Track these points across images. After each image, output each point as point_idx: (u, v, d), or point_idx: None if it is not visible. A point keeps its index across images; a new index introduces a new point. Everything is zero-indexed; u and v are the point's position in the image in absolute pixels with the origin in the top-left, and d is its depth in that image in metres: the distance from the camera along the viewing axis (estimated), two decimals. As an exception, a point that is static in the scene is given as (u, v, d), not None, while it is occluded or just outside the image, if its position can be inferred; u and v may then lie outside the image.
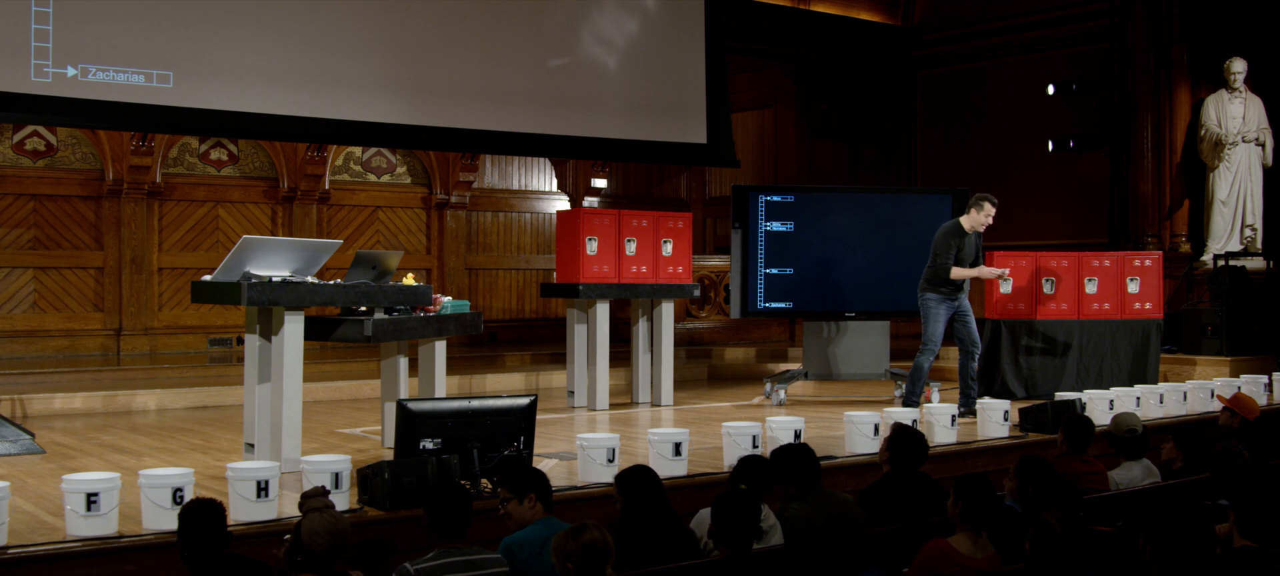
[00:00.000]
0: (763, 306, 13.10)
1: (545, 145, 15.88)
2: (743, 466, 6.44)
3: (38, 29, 11.85)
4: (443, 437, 7.03)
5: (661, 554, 5.66)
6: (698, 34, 16.07)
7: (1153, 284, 13.12)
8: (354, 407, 12.25)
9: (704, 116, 15.96)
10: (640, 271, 12.43)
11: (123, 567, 5.94)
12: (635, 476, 6.07)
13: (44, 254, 14.76)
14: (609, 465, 7.54)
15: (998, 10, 18.60)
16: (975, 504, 5.39)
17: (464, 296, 14.84)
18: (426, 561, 5.20)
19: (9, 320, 14.56)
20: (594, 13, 15.45)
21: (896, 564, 5.56)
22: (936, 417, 9.44)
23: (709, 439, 9.11)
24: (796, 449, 6.78)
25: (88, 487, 6.05)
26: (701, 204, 20.21)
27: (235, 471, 6.54)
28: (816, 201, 13.30)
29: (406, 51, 14.05)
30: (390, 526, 6.60)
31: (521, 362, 15.21)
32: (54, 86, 11.96)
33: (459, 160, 17.43)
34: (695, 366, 15.42)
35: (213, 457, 8.93)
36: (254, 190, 16.21)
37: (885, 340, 13.05)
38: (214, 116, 13.00)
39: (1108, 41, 17.37)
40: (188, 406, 12.18)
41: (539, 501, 5.85)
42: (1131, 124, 17.02)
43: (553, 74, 15.07)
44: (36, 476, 8.12)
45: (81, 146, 15.04)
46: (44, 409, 11.56)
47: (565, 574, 4.81)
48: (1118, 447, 8.06)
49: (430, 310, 9.25)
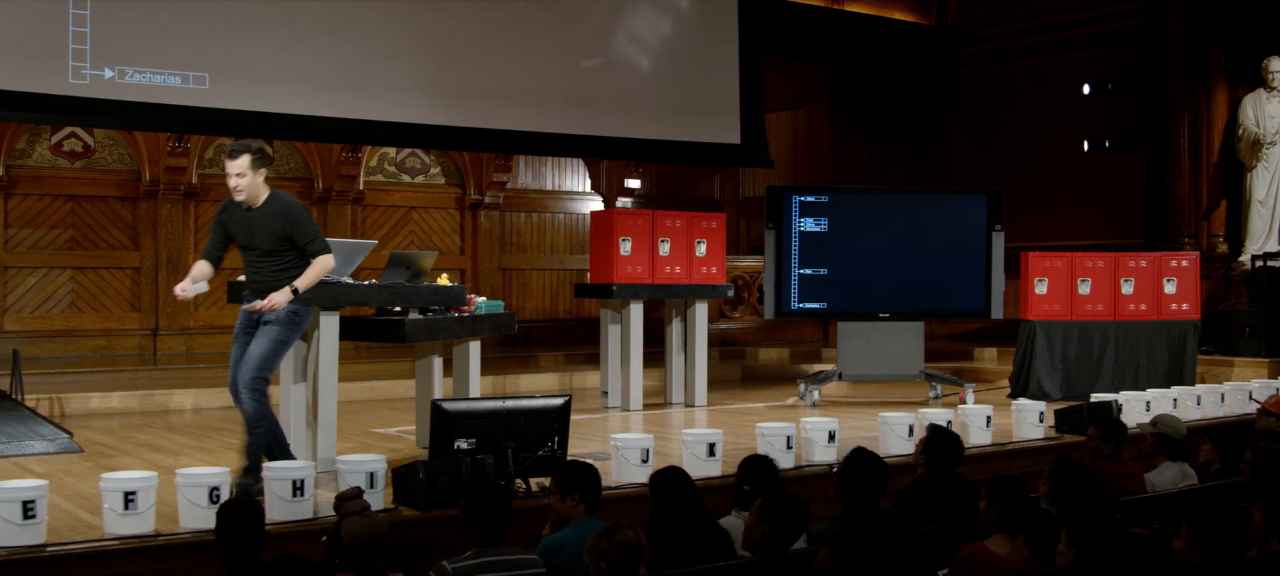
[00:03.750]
0: (797, 307, 13.07)
1: (579, 146, 15.89)
2: (747, 467, 6.38)
3: (76, 31, 11.93)
4: (477, 437, 7.05)
5: (695, 554, 5.65)
6: (731, 34, 16.04)
7: (1189, 284, 13.04)
8: (389, 407, 12.29)
9: (737, 117, 15.93)
10: (674, 272, 12.43)
11: (159, 566, 5.98)
12: (667, 477, 6.05)
13: (81, 254, 14.86)
14: (643, 465, 7.54)
15: (1032, 9, 18.50)
16: (1011, 506, 5.36)
17: (497, 297, 14.84)
18: (464, 560, 5.21)
19: (47, 320, 14.67)
20: (628, 13, 15.44)
21: (932, 565, 5.53)
22: (971, 419, 9.41)
23: (743, 439, 9.10)
24: (869, 458, 6.41)
25: (125, 486, 6.09)
26: (735, 204, 20.19)
27: (271, 471, 6.58)
28: (850, 202, 13.26)
29: (441, 52, 14.08)
30: (425, 526, 6.62)
31: (555, 363, 15.22)
32: (91, 88, 12.03)
33: (492, 161, 17.46)
34: (729, 367, 15.40)
35: (248, 457, 8.95)
36: (289, 190, 16.13)
37: (919, 341, 13.00)
38: (249, 117, 13.05)
39: (1144, 40, 17.27)
40: (223, 406, 12.18)
41: (582, 502, 5.81)
42: (1168, 123, 16.90)
43: (586, 74, 15.08)
44: (75, 475, 8.18)
45: (118, 148, 15.15)
46: (81, 408, 11.64)
47: (599, 573, 4.81)
48: (1166, 447, 8.00)
49: (465, 310, 9.28)
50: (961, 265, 13.01)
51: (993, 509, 5.39)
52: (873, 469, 6.25)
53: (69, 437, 9.44)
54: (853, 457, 6.30)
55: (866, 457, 6.31)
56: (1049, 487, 6.25)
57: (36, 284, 14.65)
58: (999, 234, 12.95)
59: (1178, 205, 16.78)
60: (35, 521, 5.84)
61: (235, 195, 7.42)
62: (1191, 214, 16.72)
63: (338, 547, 5.32)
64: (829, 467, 8.01)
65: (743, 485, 6.24)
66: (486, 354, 10.79)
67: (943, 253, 12.97)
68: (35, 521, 5.84)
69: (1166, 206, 16.93)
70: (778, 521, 5.36)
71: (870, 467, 6.25)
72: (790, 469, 8.07)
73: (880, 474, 6.26)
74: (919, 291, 13.06)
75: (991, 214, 12.97)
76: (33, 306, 14.64)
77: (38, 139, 14.68)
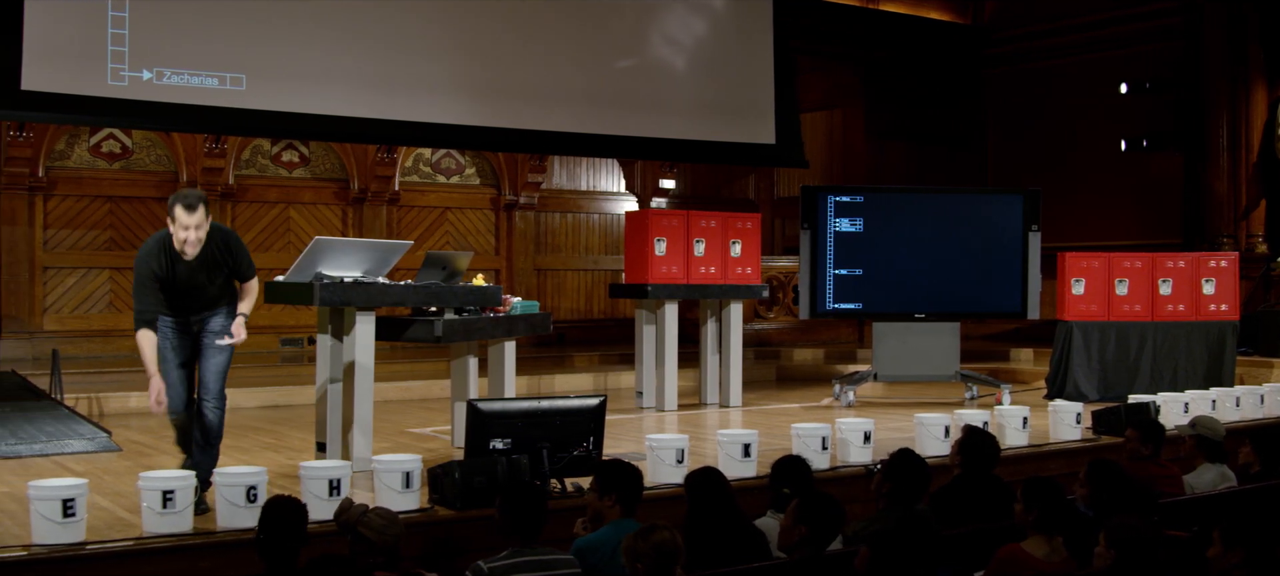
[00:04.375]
0: (832, 307, 13.03)
1: (613, 146, 15.91)
2: (782, 469, 6.36)
3: (114, 33, 12.02)
4: (512, 437, 7.07)
5: (730, 555, 5.65)
6: (766, 34, 16.02)
7: (1228, 285, 12.94)
8: (424, 407, 12.32)
9: (772, 117, 15.89)
10: (709, 272, 12.42)
11: (198, 564, 6.02)
12: (703, 478, 6.04)
13: (120, 255, 14.95)
14: (678, 466, 7.53)
15: (1069, 8, 18.41)
16: (1048, 508, 5.33)
17: (532, 297, 14.87)
18: (499, 560, 5.22)
19: (86, 320, 14.79)
20: (662, 14, 15.44)
21: (968, 567, 5.51)
22: (1008, 420, 9.37)
23: (778, 440, 9.08)
24: (913, 459, 6.40)
25: (164, 485, 6.14)
26: (769, 204, 20.16)
27: (307, 470, 6.61)
28: (886, 202, 13.21)
29: (476, 53, 14.11)
30: (460, 526, 6.64)
31: (590, 363, 15.23)
32: (130, 89, 12.12)
33: (527, 161, 17.50)
34: (763, 367, 15.38)
35: (285, 456, 9.02)
36: (325, 191, 16.36)
37: (955, 341, 12.94)
38: (285, 118, 13.13)
39: (1182, 39, 17.16)
40: (260, 405, 12.29)
41: (618, 503, 5.81)
42: (1206, 123, 16.79)
43: (621, 75, 15.08)
44: (113, 474, 8.24)
45: (156, 149, 15.25)
46: (120, 407, 11.72)
47: (635, 573, 4.81)
48: (1205, 449, 7.95)
49: (500, 311, 9.30)
50: (998, 265, 12.95)
51: (1030, 511, 5.37)
52: (916, 470, 6.26)
53: (108, 437, 9.51)
54: (898, 457, 6.30)
55: (911, 458, 6.32)
56: (1086, 490, 6.21)
57: (75, 284, 14.76)
58: (1035, 234, 12.88)
59: (1216, 205, 16.66)
60: (75, 520, 5.89)
61: (190, 250, 6.76)
62: (1230, 213, 16.61)
63: (370, 548, 5.35)
64: (865, 468, 8.00)
65: (781, 487, 6.24)
66: (521, 354, 10.82)
67: (979, 253, 12.91)
68: (75, 520, 5.89)
69: (1205, 206, 16.82)
70: (814, 522, 5.35)
71: (914, 468, 6.26)
72: (825, 469, 8.05)
73: (923, 475, 6.27)
74: (955, 292, 13.00)
75: (1028, 214, 12.90)
76: (72, 306, 14.76)
77: (77, 140, 14.80)
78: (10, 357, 13.80)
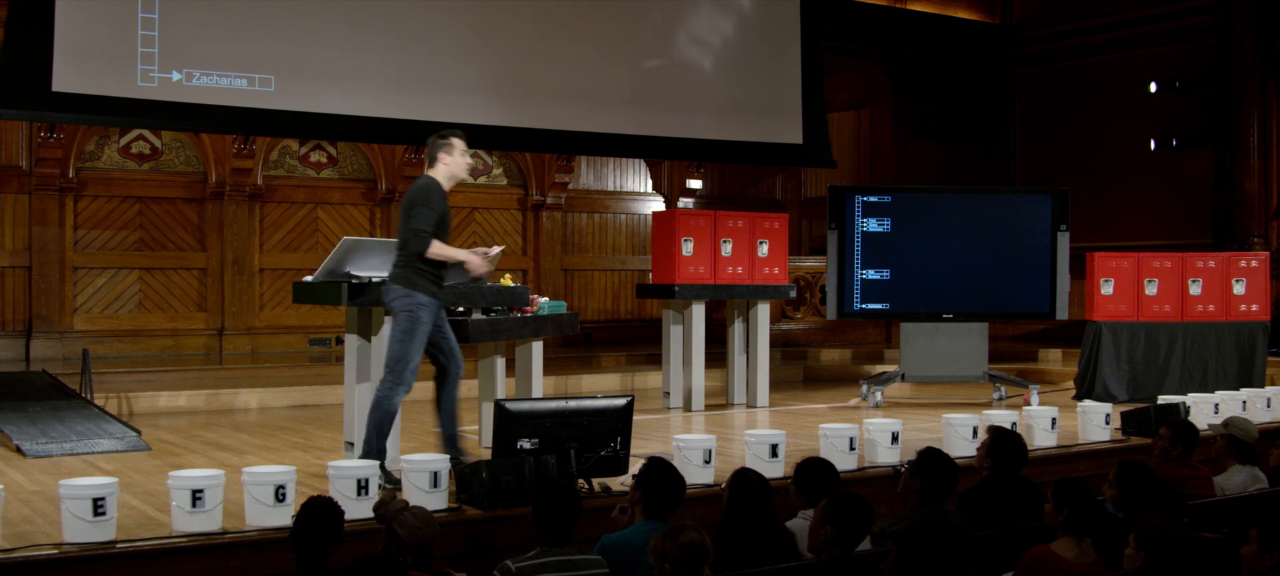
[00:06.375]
0: (859, 308, 12.98)
1: (641, 146, 15.91)
2: (804, 472, 6.29)
3: (144, 35, 12.09)
4: (540, 437, 7.07)
5: (759, 556, 5.63)
6: (793, 34, 16.00)
7: (1259, 285, 12.84)
8: (451, 407, 12.31)
9: (800, 117, 15.88)
10: (736, 272, 12.40)
11: (227, 563, 6.04)
12: (745, 479, 5.98)
13: (149, 255, 15.05)
14: (705, 466, 7.52)
15: (1098, 7, 18.33)
16: (1077, 510, 5.31)
17: (560, 297, 14.89)
18: (527, 560, 5.23)
19: (115, 320, 14.87)
20: (689, 14, 15.44)
21: (996, 568, 5.49)
22: (1036, 420, 9.33)
23: (805, 440, 9.07)
24: (940, 458, 6.36)
25: (193, 484, 6.15)
26: (797, 204, 20.13)
27: (336, 470, 6.62)
28: (914, 202, 13.16)
29: (504, 54, 14.14)
30: (488, 525, 6.64)
31: (617, 363, 15.23)
32: (159, 90, 12.19)
33: (554, 161, 17.51)
34: (791, 368, 15.35)
35: (313, 455, 9.04)
36: (353, 192, 16.41)
37: (983, 342, 12.88)
38: (314, 119, 13.18)
39: (1212, 38, 17.06)
40: (288, 405, 12.34)
41: (642, 503, 5.78)
42: (1237, 122, 16.69)
43: (648, 75, 15.09)
44: (143, 473, 8.27)
45: (185, 149, 15.32)
46: (149, 407, 11.78)
47: (663, 574, 4.81)
48: (1236, 450, 7.89)
49: (527, 311, 9.31)
50: (1026, 265, 12.89)
51: (1059, 512, 5.34)
52: (944, 468, 6.22)
53: (137, 436, 9.56)
54: (924, 456, 6.26)
55: (938, 457, 6.27)
56: (1115, 491, 6.17)
57: (105, 284, 14.85)
58: (1064, 234, 12.81)
59: (1247, 204, 16.56)
60: (105, 518, 5.91)
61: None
62: (1261, 213, 16.50)
63: (402, 547, 5.35)
64: (892, 469, 7.97)
65: (803, 489, 6.20)
66: (549, 354, 10.82)
67: (1007, 253, 12.84)
68: (105, 518, 5.91)
69: (1235, 206, 16.72)
70: (842, 522, 5.33)
71: (941, 467, 6.22)
72: (853, 470, 8.03)
73: (951, 474, 6.23)
74: (983, 292, 12.93)
75: (1057, 214, 12.84)
76: (102, 306, 14.85)
77: (107, 141, 14.88)
78: (41, 357, 13.91)
